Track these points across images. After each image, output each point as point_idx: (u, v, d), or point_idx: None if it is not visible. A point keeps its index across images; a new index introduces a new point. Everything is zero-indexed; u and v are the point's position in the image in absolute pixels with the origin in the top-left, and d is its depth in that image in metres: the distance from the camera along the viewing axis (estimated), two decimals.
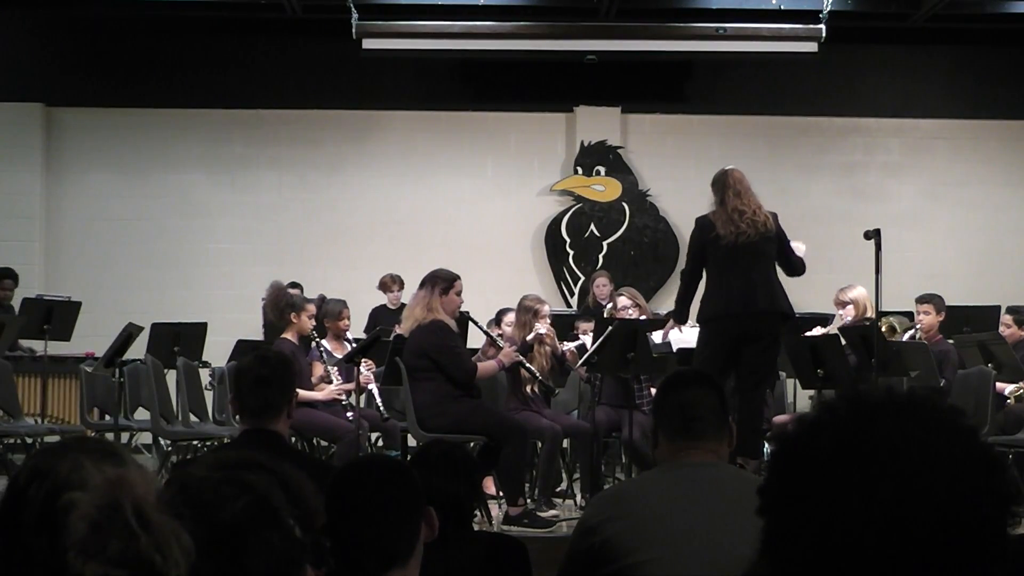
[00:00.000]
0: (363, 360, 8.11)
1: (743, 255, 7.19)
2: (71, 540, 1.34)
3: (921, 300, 9.17)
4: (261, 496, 1.45)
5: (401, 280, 11.35)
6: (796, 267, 7.51)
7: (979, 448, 1.24)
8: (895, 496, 1.20)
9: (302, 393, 7.16)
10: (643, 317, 8.64)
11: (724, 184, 7.38)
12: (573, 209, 12.95)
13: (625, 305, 8.77)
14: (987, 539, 1.21)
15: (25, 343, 10.29)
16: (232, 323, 11.26)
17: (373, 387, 8.46)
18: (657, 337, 8.36)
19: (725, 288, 7.23)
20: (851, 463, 1.22)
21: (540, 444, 7.95)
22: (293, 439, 7.84)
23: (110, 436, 8.64)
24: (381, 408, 8.43)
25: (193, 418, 9.26)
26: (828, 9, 11.37)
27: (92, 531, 1.33)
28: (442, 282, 7.55)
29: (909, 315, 9.38)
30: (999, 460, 1.26)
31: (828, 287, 9.73)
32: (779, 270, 7.47)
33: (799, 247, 7.60)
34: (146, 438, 11.00)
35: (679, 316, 7.79)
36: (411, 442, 8.38)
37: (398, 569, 2.55)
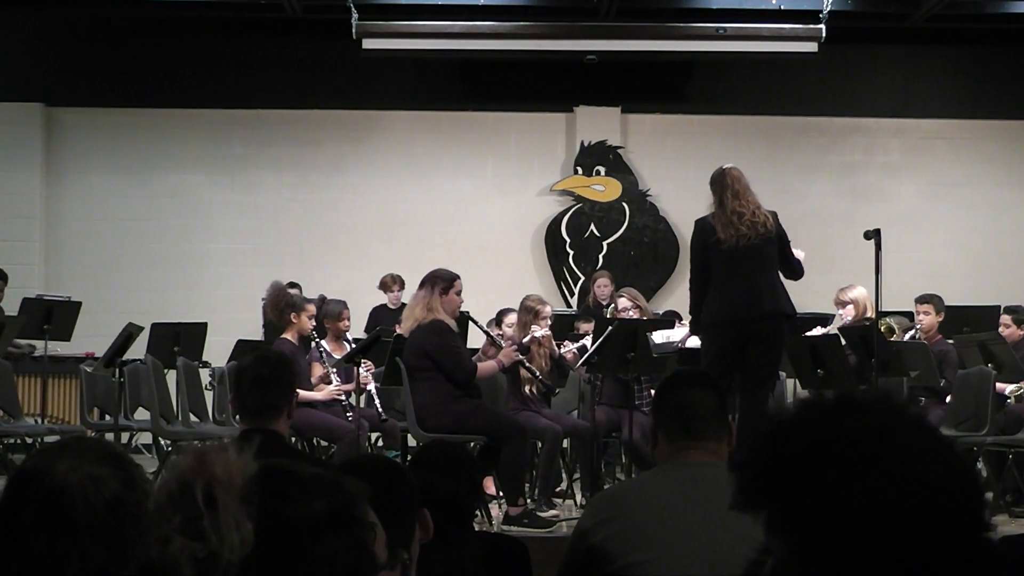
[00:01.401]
0: (362, 361, 8.11)
1: (745, 258, 7.08)
2: (153, 505, 1.44)
3: (921, 300, 9.17)
4: (343, 502, 1.47)
5: (402, 280, 11.34)
6: (795, 270, 7.38)
7: (951, 454, 1.25)
8: (868, 497, 1.20)
9: (301, 393, 7.16)
10: (644, 318, 8.64)
11: (722, 184, 7.26)
12: (573, 209, 12.95)
13: (626, 306, 8.77)
14: (962, 544, 1.21)
15: (24, 342, 10.27)
16: (232, 323, 11.26)
17: (372, 388, 8.46)
18: (657, 337, 8.34)
19: (728, 292, 7.13)
20: (822, 463, 1.22)
21: (540, 444, 7.96)
22: (293, 439, 7.85)
23: (110, 436, 8.64)
24: (380, 409, 8.43)
25: (193, 418, 9.26)
26: (828, 9, 11.36)
27: (167, 500, 1.41)
28: (442, 282, 7.54)
29: (909, 315, 9.38)
30: (972, 468, 1.27)
31: (828, 287, 9.72)
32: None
33: (799, 253, 7.47)
34: (146, 438, 11.00)
35: (696, 328, 7.66)
36: (411, 442, 8.38)
37: (390, 571, 2.54)
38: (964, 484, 1.23)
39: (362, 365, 8.13)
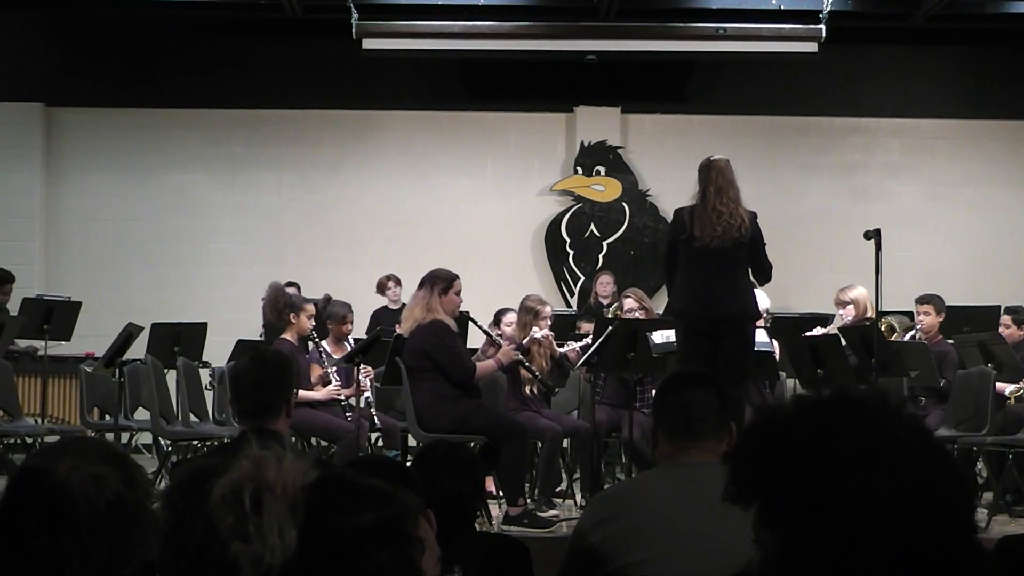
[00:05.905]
0: (361, 365, 8.11)
1: (714, 259, 7.04)
2: (210, 506, 1.51)
3: (921, 301, 9.17)
4: (394, 516, 1.49)
5: (397, 277, 11.35)
6: (766, 274, 7.34)
7: (942, 455, 1.25)
8: (859, 496, 1.20)
9: (300, 393, 7.15)
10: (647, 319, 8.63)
11: (707, 177, 7.19)
12: (573, 209, 12.95)
13: (632, 307, 8.76)
14: (949, 544, 1.21)
15: (24, 344, 10.26)
16: (232, 323, 11.26)
17: (369, 394, 8.45)
18: (657, 337, 8.34)
19: (693, 287, 7.12)
20: (817, 460, 1.22)
21: (540, 444, 7.96)
22: (293, 439, 7.85)
23: (110, 436, 8.64)
24: (375, 417, 8.40)
25: (193, 418, 9.25)
26: (828, 9, 11.36)
27: (220, 502, 1.48)
28: (441, 282, 7.55)
29: (909, 315, 9.38)
30: (963, 470, 1.27)
31: (828, 287, 9.72)
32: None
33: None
34: (146, 438, 11.00)
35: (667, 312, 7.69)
36: (411, 442, 8.38)
37: None
38: (954, 486, 1.23)
39: (361, 369, 8.13)
